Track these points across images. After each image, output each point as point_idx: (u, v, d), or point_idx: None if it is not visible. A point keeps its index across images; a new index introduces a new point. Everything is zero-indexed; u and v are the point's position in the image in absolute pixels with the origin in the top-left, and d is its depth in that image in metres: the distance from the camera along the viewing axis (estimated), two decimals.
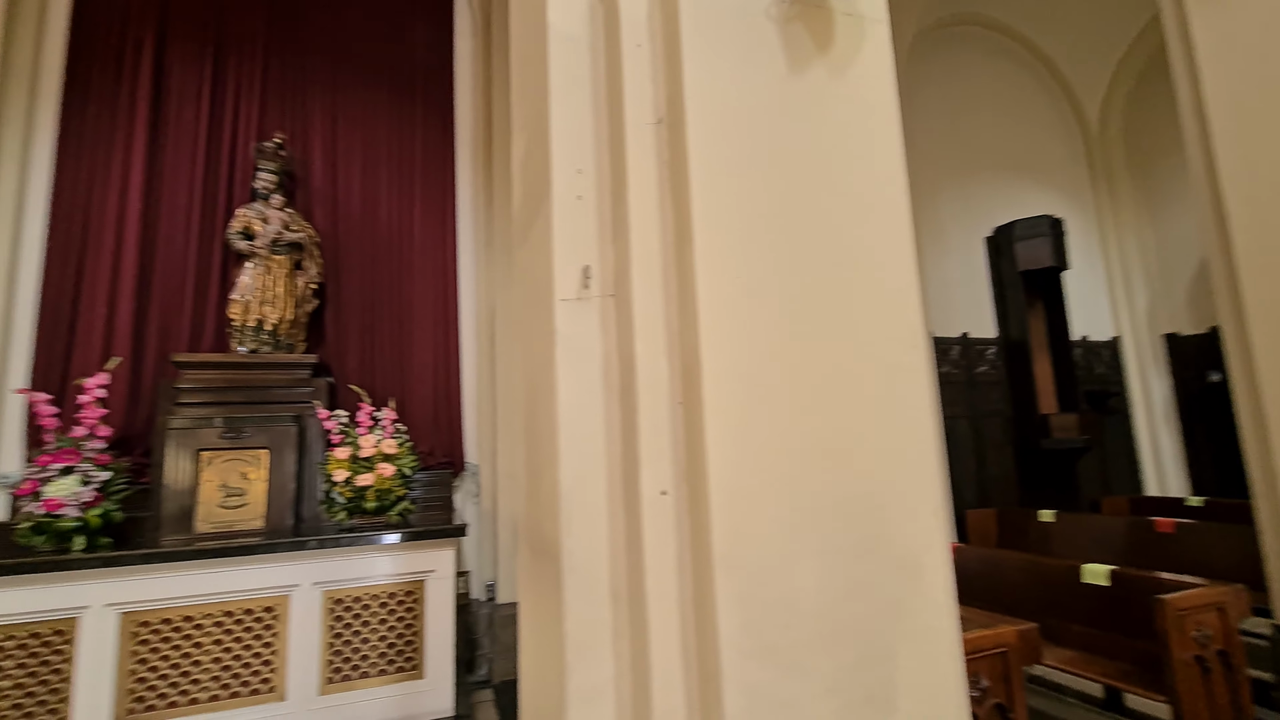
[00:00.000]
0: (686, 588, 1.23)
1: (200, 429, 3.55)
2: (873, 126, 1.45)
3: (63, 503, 3.02)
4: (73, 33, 4.18)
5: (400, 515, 3.59)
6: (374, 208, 4.59)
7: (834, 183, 1.39)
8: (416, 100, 4.83)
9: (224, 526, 3.49)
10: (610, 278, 1.38)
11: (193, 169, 4.22)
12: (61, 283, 3.89)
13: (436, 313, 4.61)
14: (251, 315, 3.94)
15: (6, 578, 2.79)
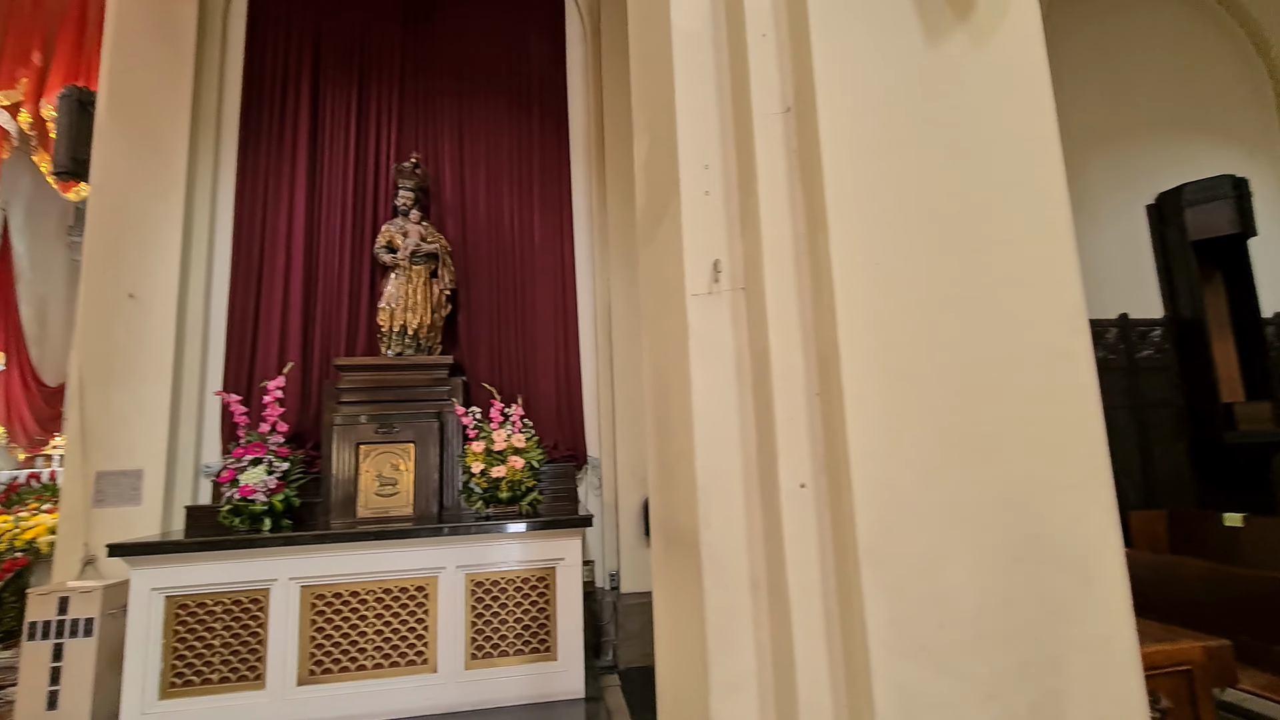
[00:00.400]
0: (829, 580, 1.21)
1: (358, 424, 3.96)
2: (1021, 95, 1.35)
3: (254, 489, 3.50)
4: (245, 83, 4.80)
5: (530, 505, 3.81)
6: (498, 216, 4.88)
7: (979, 159, 1.30)
8: (533, 110, 5.06)
9: (380, 512, 3.87)
10: (740, 271, 1.39)
11: (344, 191, 4.71)
12: (245, 299, 4.49)
13: (556, 312, 4.82)
14: (396, 321, 4.33)
15: (218, 552, 3.28)
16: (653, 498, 1.75)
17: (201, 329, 4.45)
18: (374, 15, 4.98)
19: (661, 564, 1.64)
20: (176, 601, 3.30)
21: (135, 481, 4.06)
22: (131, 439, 4.10)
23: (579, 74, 5.26)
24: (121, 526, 3.99)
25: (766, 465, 1.28)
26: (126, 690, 3.19)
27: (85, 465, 4.03)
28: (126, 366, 4.16)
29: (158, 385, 4.17)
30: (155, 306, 4.26)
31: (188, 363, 4.34)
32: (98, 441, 4.07)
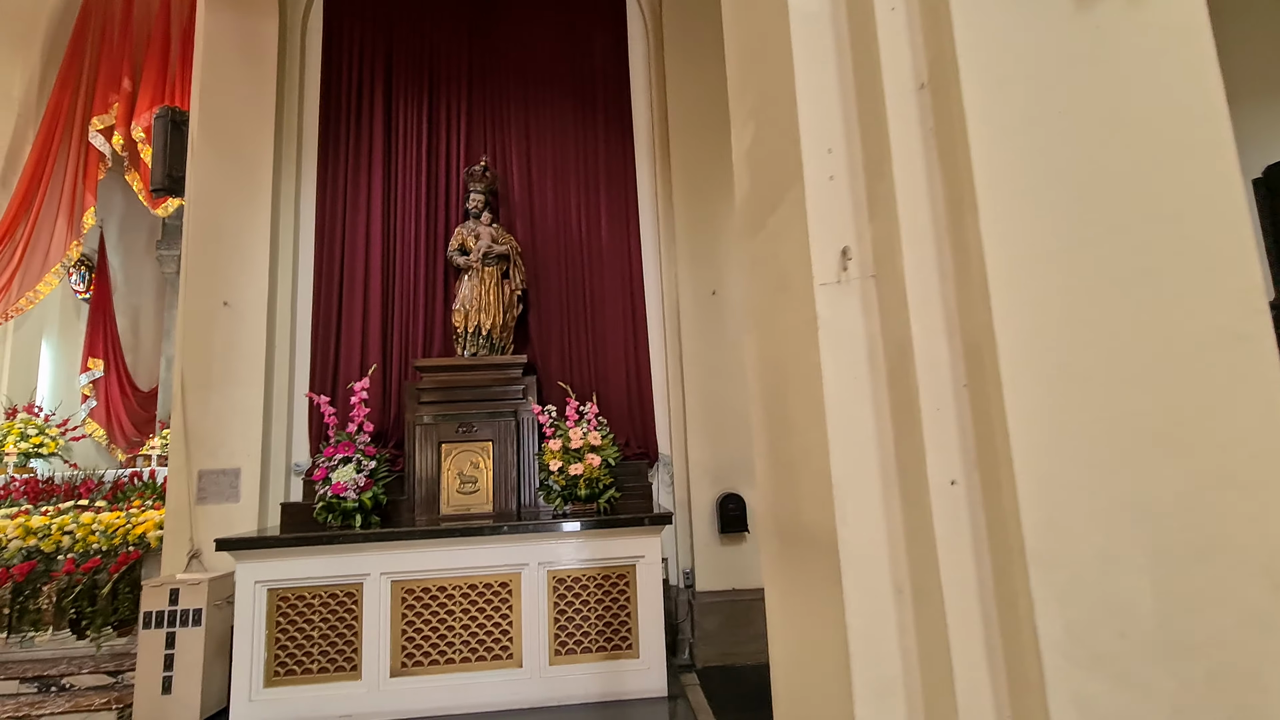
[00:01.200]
0: (986, 583, 1.14)
1: (439, 424, 4.06)
2: (1182, 56, 1.24)
3: (345, 487, 3.63)
4: (322, 96, 4.99)
5: (608, 503, 3.81)
6: (565, 215, 4.92)
7: (1139, 127, 1.20)
8: (597, 108, 5.07)
9: (462, 510, 3.96)
10: (870, 258, 1.32)
11: (417, 196, 4.83)
12: (328, 304, 4.66)
13: (624, 310, 4.82)
14: (470, 322, 4.42)
15: (314, 548, 3.42)
16: (764, 495, 1.71)
17: (289, 334, 4.66)
18: (442, 24, 5.09)
19: (778, 563, 1.60)
20: (278, 594, 3.45)
21: (234, 479, 4.28)
22: (229, 439, 4.32)
23: (641, 71, 5.24)
24: (222, 522, 4.22)
25: (910, 461, 1.22)
26: (236, 677, 3.37)
27: (189, 464, 4.28)
28: (223, 371, 4.38)
29: (251, 388, 4.38)
30: (247, 314, 4.48)
31: (277, 366, 4.55)
32: (199, 442, 4.31)
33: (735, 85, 1.90)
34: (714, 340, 4.68)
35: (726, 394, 4.61)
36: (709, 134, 4.90)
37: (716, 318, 4.71)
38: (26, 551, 4.51)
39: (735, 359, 4.65)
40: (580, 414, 4.03)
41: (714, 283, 4.74)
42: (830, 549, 1.27)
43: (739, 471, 4.52)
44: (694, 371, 4.64)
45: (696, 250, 4.78)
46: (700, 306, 4.71)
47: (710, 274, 4.75)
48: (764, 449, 1.72)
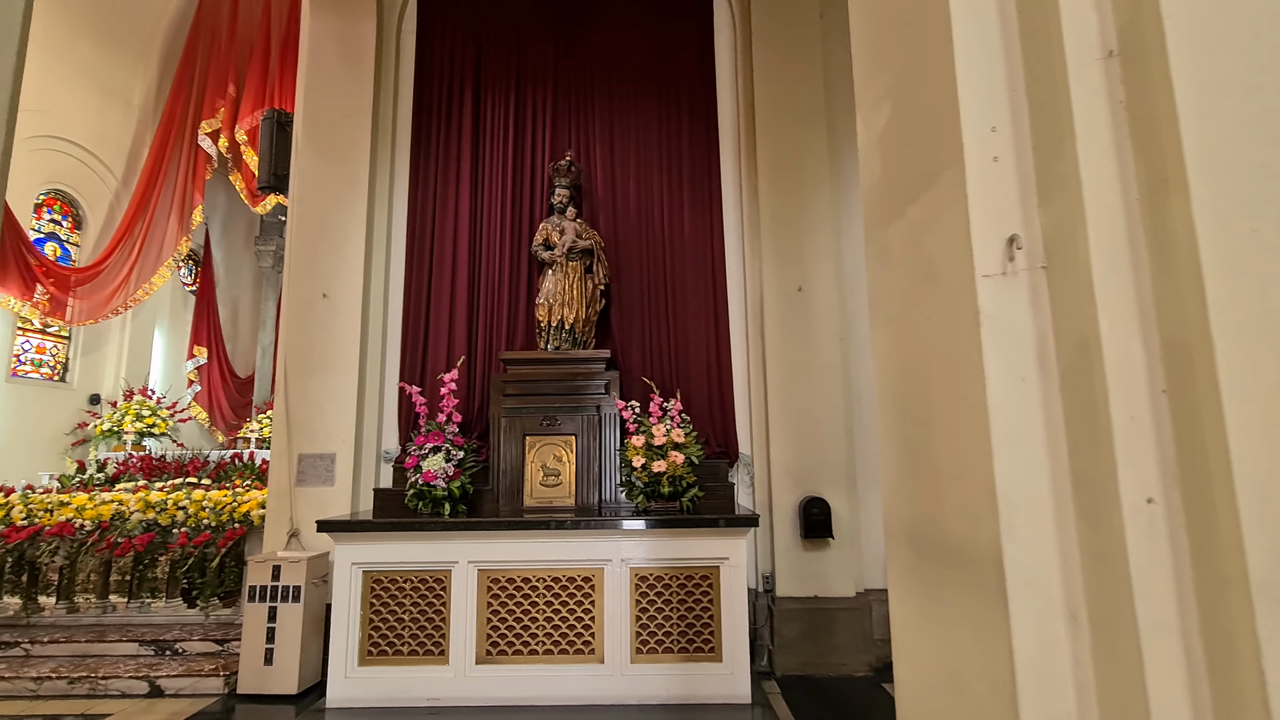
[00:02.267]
0: (1190, 616, 1.01)
1: (524, 416, 4.10)
2: None
3: (435, 475, 3.72)
4: (415, 94, 5.13)
5: (691, 502, 3.75)
6: (648, 210, 4.88)
7: None
8: (681, 101, 5.01)
9: (545, 502, 3.99)
10: (1040, 247, 1.20)
11: (503, 192, 4.91)
12: (418, 296, 4.80)
13: (706, 305, 4.74)
14: (554, 316, 4.44)
15: (406, 533, 3.52)
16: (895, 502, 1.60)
17: (381, 325, 4.83)
18: (530, 20, 5.15)
19: (913, 577, 1.49)
20: (372, 576, 3.57)
21: (329, 464, 4.48)
22: (326, 425, 4.52)
23: (727, 61, 5.13)
24: (318, 504, 4.42)
25: (1094, 474, 1.10)
26: (333, 654, 3.51)
27: (289, 448, 4.50)
28: (321, 359, 4.59)
29: (346, 376, 4.56)
30: (343, 305, 4.66)
31: (370, 356, 4.72)
32: (299, 427, 4.53)
33: (866, 65, 1.79)
34: (799, 338, 4.53)
35: (811, 394, 4.46)
36: (797, 126, 4.75)
37: (802, 314, 4.56)
38: (145, 524, 4.87)
39: (821, 357, 4.49)
40: (664, 410, 3.98)
41: (800, 278, 4.59)
42: (992, 567, 1.16)
43: (823, 475, 4.36)
44: (777, 370, 4.51)
45: (782, 245, 4.64)
46: (785, 303, 4.57)
47: (796, 269, 4.60)
48: (897, 453, 1.60)
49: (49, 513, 5.00)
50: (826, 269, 4.62)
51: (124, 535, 4.82)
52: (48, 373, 9.19)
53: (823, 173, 4.73)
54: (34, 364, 9.02)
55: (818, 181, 4.71)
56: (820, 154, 4.75)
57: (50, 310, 8.73)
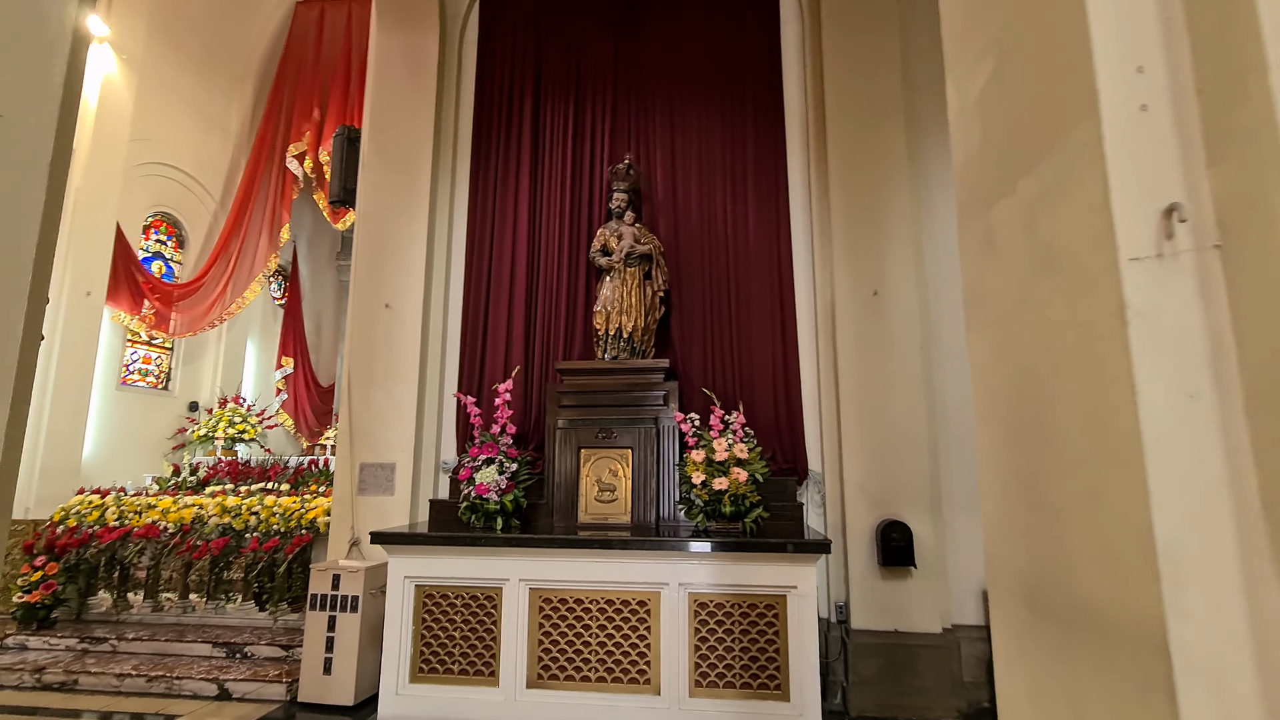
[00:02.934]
0: None
1: (579, 428, 3.95)
2: None
3: (488, 488, 3.62)
4: (476, 105, 5.14)
5: (755, 523, 3.47)
6: (710, 214, 4.66)
7: None
8: (746, 100, 4.77)
9: (599, 518, 3.81)
10: (1211, 220, 0.90)
11: (562, 199, 4.82)
12: (476, 306, 4.77)
13: (772, 312, 4.46)
14: (611, 324, 4.29)
15: (459, 548, 3.42)
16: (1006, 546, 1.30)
17: (441, 335, 4.82)
18: (589, 25, 5.06)
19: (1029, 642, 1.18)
20: (424, 590, 3.50)
21: (389, 474, 4.48)
22: (387, 435, 4.53)
23: (794, 56, 4.85)
24: (378, 513, 4.42)
25: None
26: (385, 669, 3.45)
27: (352, 457, 4.54)
28: (384, 369, 4.61)
29: (407, 386, 4.57)
30: (404, 315, 4.69)
31: (430, 366, 4.72)
32: (361, 435, 4.56)
33: (960, 18, 1.51)
34: (874, 345, 4.17)
35: (889, 406, 4.08)
36: (872, 119, 4.41)
37: (877, 320, 4.20)
38: (221, 528, 5.04)
39: (899, 367, 4.11)
40: (725, 423, 3.72)
41: (875, 281, 4.23)
42: (1150, 649, 0.86)
43: (903, 496, 3.98)
44: (851, 380, 4.16)
45: (855, 246, 4.30)
46: (859, 308, 4.23)
47: (871, 272, 4.25)
48: (1003, 485, 1.31)
49: (138, 514, 5.28)
50: (905, 271, 4.25)
51: (202, 538, 5.01)
52: (153, 381, 9.90)
53: (900, 168, 4.37)
54: (141, 373, 9.73)
55: (894, 177, 4.35)
56: (897, 148, 4.38)
57: (155, 323, 9.42)
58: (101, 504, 5.41)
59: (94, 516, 5.33)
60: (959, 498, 4.20)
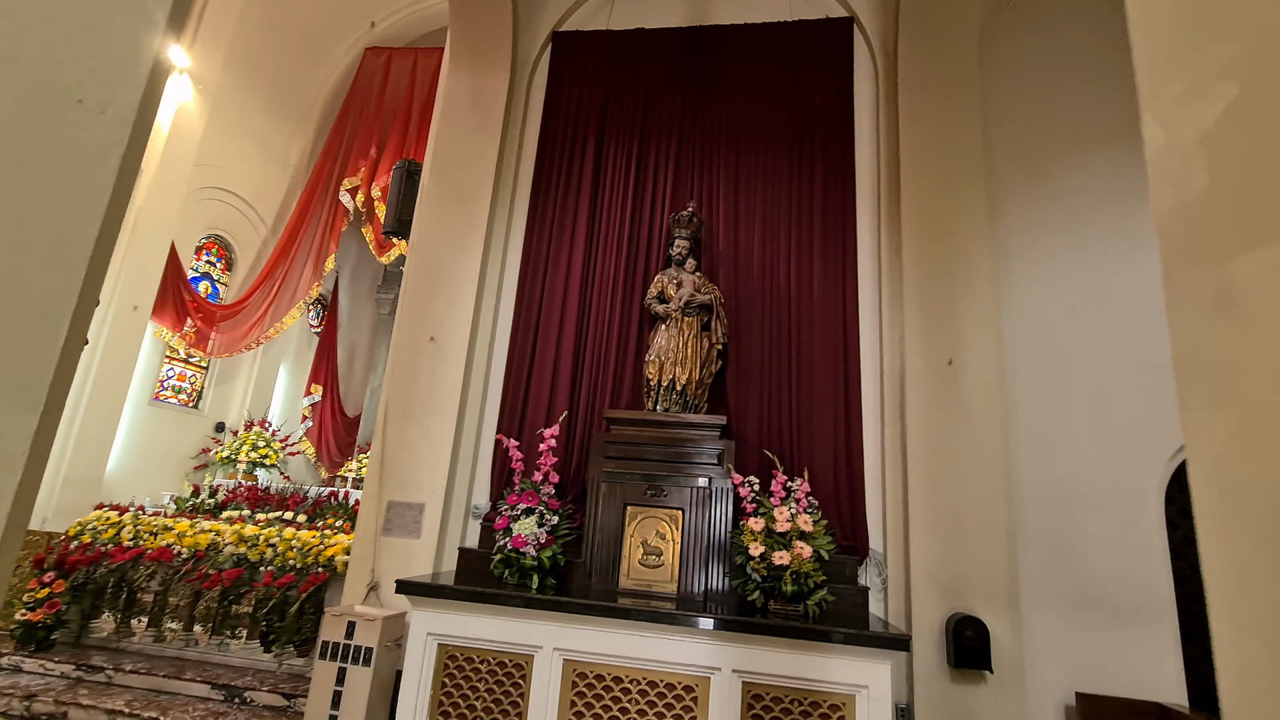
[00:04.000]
0: None
1: (625, 483, 3.68)
2: None
3: (526, 541, 3.34)
4: (540, 144, 5.12)
5: (819, 606, 3.12)
6: (773, 266, 4.48)
7: None
8: (815, 155, 4.65)
9: (643, 585, 3.48)
10: None
11: (619, 242, 4.69)
12: (523, 346, 4.60)
13: (835, 374, 4.19)
14: (665, 375, 4.06)
15: (489, 605, 3.12)
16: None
17: (484, 373, 4.64)
18: (658, 73, 5.06)
19: None
20: (448, 650, 3.18)
21: (417, 515, 4.22)
22: (419, 473, 4.30)
23: (867, 115, 4.75)
24: (402, 557, 4.15)
25: None
26: None
27: (380, 494, 4.30)
28: (422, 404, 4.43)
29: (444, 423, 4.36)
30: (449, 350, 4.53)
31: (470, 404, 4.52)
32: (392, 472, 4.34)
33: (1177, 42, 1.29)
34: (948, 419, 3.87)
35: (963, 486, 3.74)
36: (949, 177, 4.24)
37: (952, 392, 3.91)
38: (236, 558, 4.80)
39: (976, 444, 3.79)
40: (788, 490, 3.42)
41: (950, 349, 3.97)
42: None
43: (978, 588, 3.58)
44: (920, 454, 3.85)
45: (929, 311, 4.06)
46: (932, 377, 3.95)
47: (946, 339, 3.99)
48: (1273, 620, 1.00)
49: (153, 536, 5.07)
50: (983, 340, 3.98)
51: (215, 567, 4.76)
52: (184, 399, 9.90)
53: (978, 229, 4.16)
54: (174, 390, 9.74)
55: (973, 241, 4.14)
56: (975, 208, 4.19)
57: (195, 342, 9.48)
58: (118, 522, 5.23)
59: (109, 534, 5.13)
60: (1040, 595, 3.79)
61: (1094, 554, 3.87)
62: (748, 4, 5.19)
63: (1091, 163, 4.41)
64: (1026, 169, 4.52)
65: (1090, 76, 4.52)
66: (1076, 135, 4.49)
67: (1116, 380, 4.07)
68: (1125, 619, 3.76)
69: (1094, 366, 4.14)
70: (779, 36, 5.00)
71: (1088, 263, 4.29)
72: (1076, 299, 4.27)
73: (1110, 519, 3.89)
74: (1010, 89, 4.64)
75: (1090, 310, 4.24)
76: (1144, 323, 4.08)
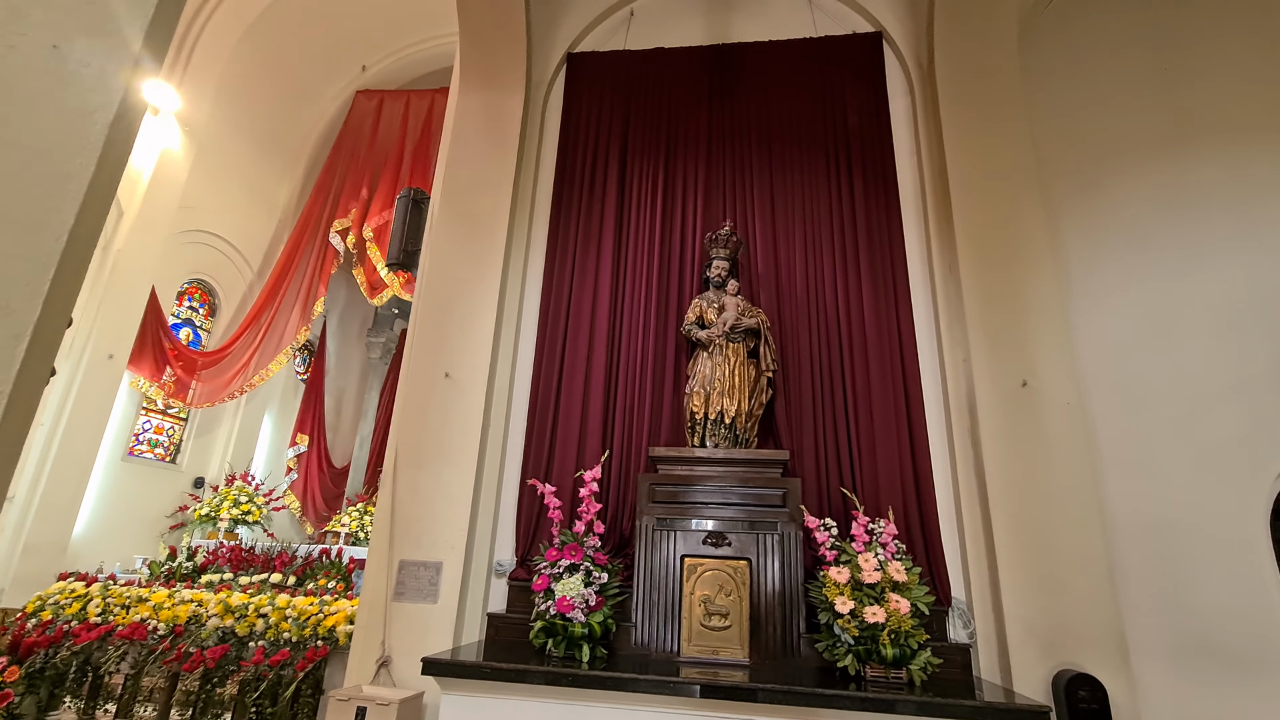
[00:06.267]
0: None
1: (678, 531, 3.22)
2: None
3: (573, 604, 2.85)
4: (558, 168, 4.82)
5: (924, 671, 2.65)
6: (818, 288, 4.15)
7: None
8: (853, 172, 4.40)
9: (708, 651, 2.99)
10: None
11: (649, 268, 4.35)
12: (548, 381, 4.18)
13: (895, 401, 3.82)
14: (712, 407, 3.66)
15: (539, 687, 2.61)
16: None
17: (504, 412, 4.20)
18: (680, 88, 4.83)
19: None
20: None
21: (434, 575, 3.71)
22: (434, 527, 3.80)
23: (904, 130, 4.53)
24: (417, 626, 3.61)
25: None
26: None
27: (391, 552, 3.79)
28: (436, 449, 3.96)
29: (463, 470, 3.89)
30: (467, 387, 4.09)
31: (490, 447, 4.06)
32: (404, 528, 3.84)
33: None
34: (1028, 446, 3.49)
35: (1053, 522, 3.34)
36: (1003, 193, 3.98)
37: (1029, 417, 3.55)
38: (221, 633, 4.20)
39: (1062, 473, 3.40)
40: (871, 534, 2.99)
41: (1024, 371, 3.62)
42: None
43: (1083, 639, 3.14)
44: (1002, 487, 3.45)
45: (996, 331, 3.73)
46: (1005, 401, 3.59)
47: (1017, 360, 3.65)
48: None
49: (125, 609, 4.46)
50: (1056, 361, 3.64)
51: (197, 644, 4.16)
52: (161, 453, 9.23)
53: (1038, 245, 3.87)
54: (150, 444, 9.09)
55: (1034, 255, 3.85)
56: (1034, 223, 3.92)
57: (174, 392, 8.89)
58: (84, 594, 4.60)
59: (74, 609, 4.51)
60: (1147, 645, 3.36)
61: (1201, 592, 3.47)
62: (770, 22, 5.02)
63: (1147, 172, 4.20)
64: (1079, 183, 4.30)
65: (1135, 82, 4.35)
66: (1127, 144, 4.29)
67: (1201, 399, 3.75)
68: (1245, 667, 3.33)
69: (1173, 386, 3.82)
70: (805, 53, 4.81)
71: (1154, 277, 4.03)
72: (1145, 315, 3.99)
73: (1215, 549, 3.50)
74: (1052, 99, 4.46)
75: (1161, 326, 3.95)
76: (1224, 336, 3.79)
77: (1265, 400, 3.66)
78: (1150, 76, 4.31)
